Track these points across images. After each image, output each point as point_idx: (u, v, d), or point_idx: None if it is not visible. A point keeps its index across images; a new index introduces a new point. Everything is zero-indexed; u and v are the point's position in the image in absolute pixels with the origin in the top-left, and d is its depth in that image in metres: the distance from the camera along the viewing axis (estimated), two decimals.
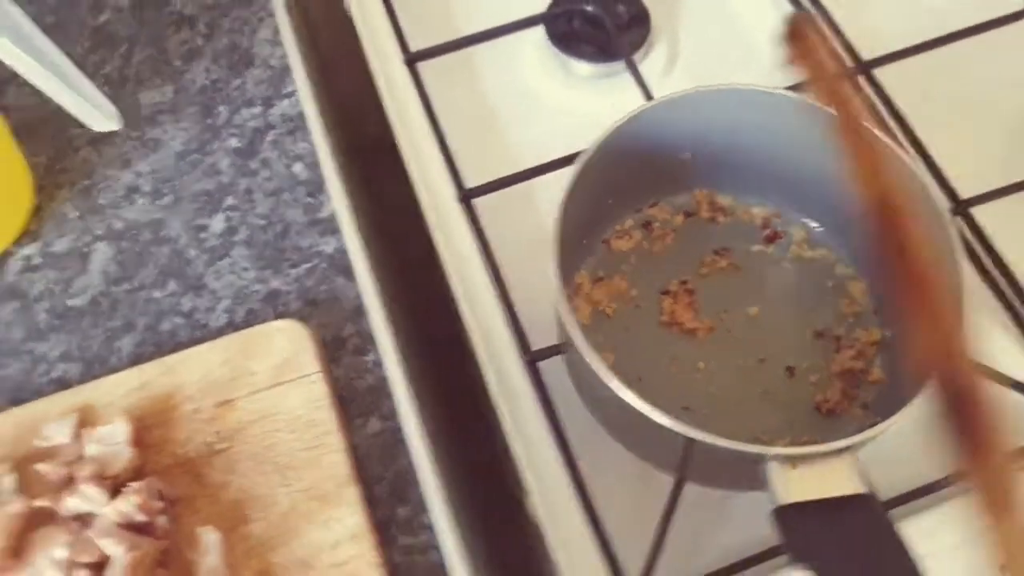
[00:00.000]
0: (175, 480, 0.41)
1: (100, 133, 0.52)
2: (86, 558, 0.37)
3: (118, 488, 0.39)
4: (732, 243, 0.50)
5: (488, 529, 0.47)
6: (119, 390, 0.43)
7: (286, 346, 0.44)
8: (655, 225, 0.51)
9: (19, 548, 0.37)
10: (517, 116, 0.58)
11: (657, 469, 0.44)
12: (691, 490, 0.44)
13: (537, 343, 0.47)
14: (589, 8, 0.60)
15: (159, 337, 0.47)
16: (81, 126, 0.46)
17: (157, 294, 0.48)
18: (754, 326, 0.48)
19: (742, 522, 0.45)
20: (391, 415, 0.44)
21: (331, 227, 0.50)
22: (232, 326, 0.47)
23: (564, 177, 0.43)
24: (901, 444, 0.41)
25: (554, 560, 0.43)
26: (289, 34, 0.57)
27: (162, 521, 0.39)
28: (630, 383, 0.37)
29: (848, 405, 0.45)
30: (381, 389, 0.45)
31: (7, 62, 0.39)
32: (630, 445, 0.45)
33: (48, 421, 0.42)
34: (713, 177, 0.51)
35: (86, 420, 0.42)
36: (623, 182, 0.48)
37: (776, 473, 0.36)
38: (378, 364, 0.46)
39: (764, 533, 0.40)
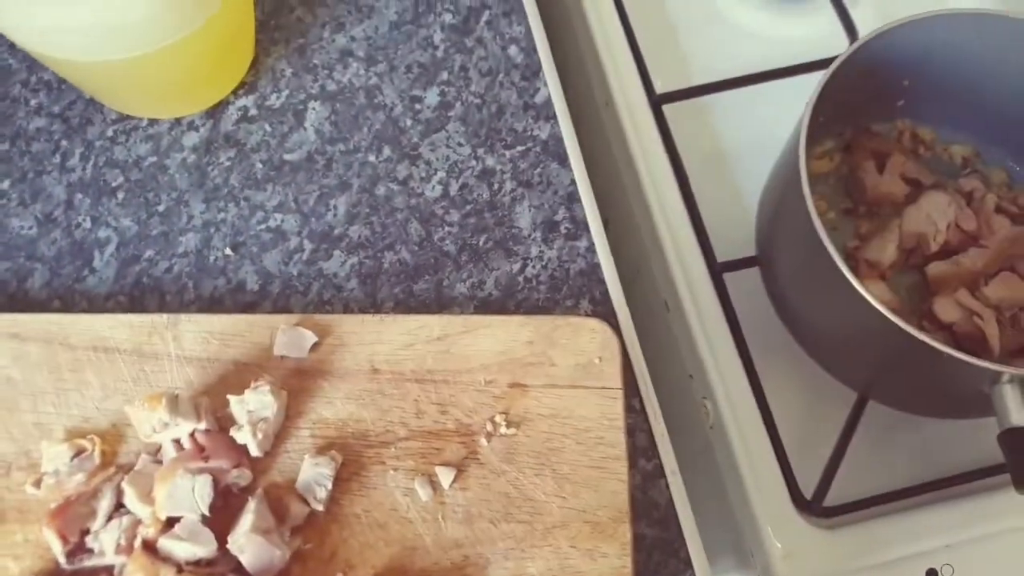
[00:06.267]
0: (451, 449, 0.40)
1: None
2: None
3: None
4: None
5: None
6: (421, 333, 0.42)
7: (593, 349, 0.42)
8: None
9: None
10: (706, 34, 0.58)
11: (845, 383, 0.45)
12: (871, 410, 0.45)
13: (724, 256, 0.48)
14: None
15: (374, 200, 0.48)
16: None
17: (372, 158, 0.49)
18: None
19: (922, 447, 0.46)
20: (601, 300, 0.45)
21: (545, 113, 0.50)
22: (447, 198, 0.48)
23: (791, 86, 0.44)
24: None
25: (736, 463, 0.44)
26: None
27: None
28: None
29: None
30: (591, 274, 0.46)
31: None
32: (824, 356, 0.46)
33: None
34: (919, 109, 0.51)
35: None
36: (841, 100, 0.48)
37: (1011, 394, 0.37)
38: (591, 250, 0.46)
39: (945, 459, 0.41)
